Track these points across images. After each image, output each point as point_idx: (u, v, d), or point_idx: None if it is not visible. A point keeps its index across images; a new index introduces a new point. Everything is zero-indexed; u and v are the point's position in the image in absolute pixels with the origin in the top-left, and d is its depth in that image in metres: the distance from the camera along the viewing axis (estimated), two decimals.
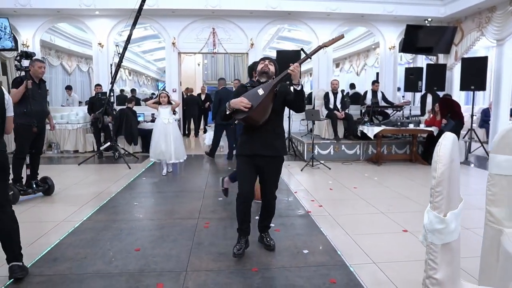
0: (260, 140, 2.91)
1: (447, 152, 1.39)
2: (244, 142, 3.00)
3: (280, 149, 3.00)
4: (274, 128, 2.96)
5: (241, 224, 3.02)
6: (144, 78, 19.67)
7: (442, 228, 1.40)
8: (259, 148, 2.91)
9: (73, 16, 8.69)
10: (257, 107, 2.74)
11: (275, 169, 3.03)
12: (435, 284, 1.44)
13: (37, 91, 4.55)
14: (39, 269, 2.76)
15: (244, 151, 2.98)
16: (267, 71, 2.94)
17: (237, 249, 2.96)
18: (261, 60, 3.06)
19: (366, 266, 2.85)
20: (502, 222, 2.21)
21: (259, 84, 2.96)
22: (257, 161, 2.94)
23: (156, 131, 6.08)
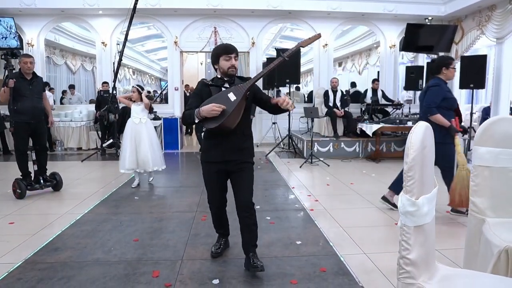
0: (228, 144, 2.61)
1: (418, 139, 1.48)
2: (210, 147, 2.70)
3: (249, 152, 2.74)
4: (243, 131, 2.65)
5: (218, 229, 2.99)
6: (148, 77, 19.84)
7: (414, 211, 1.49)
8: (228, 153, 2.62)
9: (77, 16, 8.83)
10: (230, 115, 2.46)
11: (247, 173, 2.68)
12: (408, 264, 1.53)
13: (28, 88, 4.56)
14: (41, 257, 2.88)
15: (211, 158, 2.69)
16: (234, 73, 2.62)
17: (215, 248, 2.95)
18: (224, 54, 2.59)
19: (356, 256, 2.94)
20: (484, 212, 2.30)
21: (222, 81, 2.65)
22: (226, 167, 2.66)
23: (126, 134, 5.07)
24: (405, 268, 1.53)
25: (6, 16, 8.18)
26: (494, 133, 2.28)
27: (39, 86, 4.75)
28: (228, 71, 2.60)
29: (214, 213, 2.89)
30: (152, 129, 5.28)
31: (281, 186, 5.32)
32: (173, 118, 8.69)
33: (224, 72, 2.62)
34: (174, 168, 6.97)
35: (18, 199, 4.52)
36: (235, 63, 2.61)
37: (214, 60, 2.64)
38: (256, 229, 2.69)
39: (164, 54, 16.68)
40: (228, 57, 2.58)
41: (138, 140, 4.98)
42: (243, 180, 2.66)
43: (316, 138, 7.55)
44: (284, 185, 5.37)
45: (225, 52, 2.59)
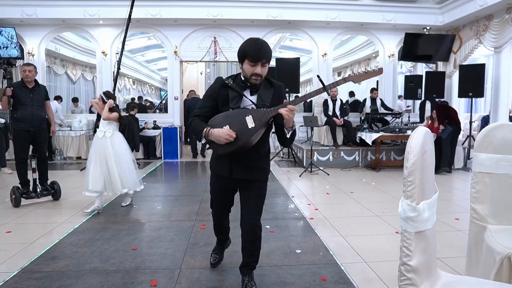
0: (239, 160, 2.29)
1: (418, 143, 1.47)
2: (221, 159, 2.36)
3: (263, 171, 2.42)
4: (259, 148, 2.30)
5: (217, 234, 2.83)
6: (148, 87, 19.91)
7: (415, 216, 1.47)
8: (238, 172, 2.31)
9: (77, 26, 8.89)
10: (244, 143, 2.13)
11: (256, 192, 2.38)
12: (410, 270, 1.50)
13: (28, 96, 4.61)
14: (37, 266, 2.85)
15: (219, 171, 2.39)
16: (256, 83, 2.23)
17: (213, 259, 2.87)
18: (251, 60, 2.14)
19: (357, 264, 2.90)
20: (485, 219, 2.28)
21: (245, 86, 2.27)
22: (234, 184, 2.42)
23: (91, 150, 4.45)
24: (406, 275, 1.51)
25: (7, 26, 8.26)
26: (493, 139, 2.27)
27: (40, 94, 4.77)
28: (251, 78, 2.21)
29: (215, 219, 2.74)
30: (120, 144, 4.46)
31: (281, 195, 5.29)
32: (173, 128, 8.70)
33: (246, 78, 2.24)
34: (174, 177, 6.95)
35: (14, 207, 4.51)
36: (260, 71, 2.18)
37: (240, 57, 2.22)
38: (256, 252, 2.43)
39: (164, 64, 16.80)
40: (254, 64, 2.16)
41: (103, 157, 4.27)
42: (251, 199, 2.37)
43: (315, 147, 7.54)
44: (283, 194, 5.34)
45: (252, 56, 2.14)
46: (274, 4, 8.59)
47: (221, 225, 2.80)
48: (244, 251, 2.44)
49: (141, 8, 8.27)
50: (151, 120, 9.20)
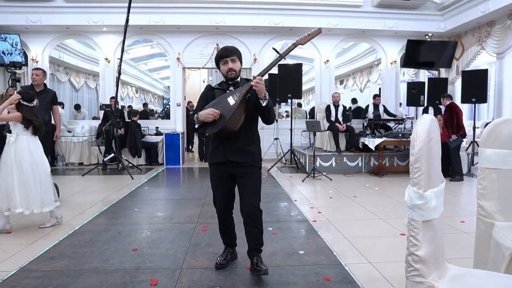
0: (232, 146, 2.58)
1: (424, 130, 1.44)
2: (215, 149, 2.67)
3: (254, 156, 2.65)
4: (247, 134, 2.61)
5: (224, 237, 2.88)
6: (151, 95, 19.98)
7: (422, 204, 1.43)
8: (231, 154, 2.58)
9: (81, 33, 8.96)
10: (229, 119, 2.42)
11: (251, 177, 2.61)
12: (417, 261, 1.46)
13: None
14: (36, 266, 2.80)
15: (215, 159, 2.66)
16: (234, 76, 2.58)
17: (220, 260, 2.80)
18: (221, 59, 2.58)
19: (361, 265, 2.85)
20: (493, 215, 2.23)
21: (227, 85, 2.63)
22: (230, 169, 2.62)
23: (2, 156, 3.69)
24: (414, 265, 1.47)
25: (12, 33, 8.33)
26: (500, 134, 2.23)
27: (46, 98, 4.86)
28: (227, 75, 2.58)
29: (220, 218, 2.79)
30: (24, 151, 3.62)
31: (283, 199, 5.24)
32: (175, 134, 8.68)
33: (224, 75, 2.61)
34: (176, 182, 6.91)
35: None
36: (232, 66, 2.55)
37: (217, 66, 2.68)
38: (260, 235, 2.61)
39: (167, 73, 16.91)
40: (224, 61, 2.56)
41: (12, 166, 3.55)
42: (247, 184, 2.60)
43: (318, 153, 7.50)
44: (286, 198, 5.29)
45: (220, 57, 2.59)
46: (276, 11, 8.64)
47: (226, 225, 2.81)
48: (248, 236, 2.62)
49: (144, 15, 8.37)
50: (153, 126, 9.20)
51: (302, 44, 2.64)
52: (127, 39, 9.11)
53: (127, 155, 8.15)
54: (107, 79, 9.19)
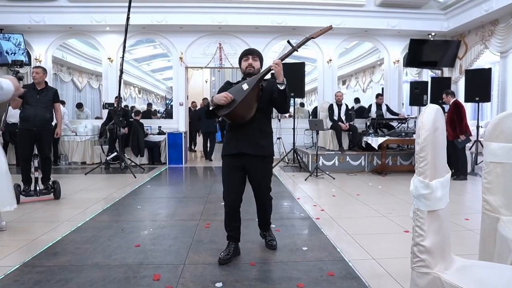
0: (245, 138, 2.75)
1: (430, 119, 1.43)
2: (229, 140, 2.84)
3: (266, 148, 2.81)
4: (260, 127, 2.79)
5: (229, 231, 2.87)
6: (154, 96, 20.02)
7: (428, 194, 1.42)
8: (244, 146, 2.74)
9: (84, 32, 8.98)
10: (241, 102, 2.60)
11: (263, 169, 2.85)
12: (423, 251, 1.45)
13: (34, 97, 4.76)
14: (39, 261, 2.80)
15: (229, 150, 2.81)
16: (252, 72, 2.80)
17: (223, 255, 2.79)
18: (243, 56, 2.88)
19: (365, 261, 2.83)
20: (498, 210, 2.21)
21: (244, 80, 2.84)
22: (243, 161, 2.77)
23: None
24: (419, 256, 1.45)
25: (15, 32, 8.36)
26: (505, 128, 2.21)
27: (47, 96, 4.90)
28: (246, 70, 2.84)
29: (227, 211, 2.83)
30: None
31: (286, 197, 5.22)
32: (178, 133, 8.68)
33: (243, 71, 2.87)
34: (178, 180, 6.91)
35: None
36: (252, 62, 2.82)
37: (239, 64, 2.95)
38: (270, 212, 3.05)
39: (169, 74, 16.95)
40: (246, 58, 2.85)
41: None
42: (259, 176, 2.86)
43: (321, 152, 7.48)
44: (289, 196, 5.27)
45: (243, 55, 2.89)
46: (279, 10, 8.64)
47: (233, 218, 2.84)
48: (259, 214, 3.07)
49: (146, 15, 8.38)
50: (156, 126, 9.20)
51: (314, 38, 2.84)
52: (130, 38, 9.18)
53: (130, 154, 8.15)
54: (110, 78, 9.21)
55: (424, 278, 1.44)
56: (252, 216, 3.28)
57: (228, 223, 2.86)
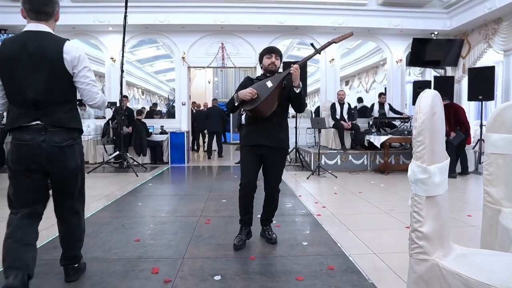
0: (264, 131, 2.90)
1: (427, 103, 1.41)
2: (249, 132, 2.99)
3: (283, 141, 2.99)
4: (279, 121, 2.95)
5: (243, 215, 3.02)
6: (157, 97, 20.07)
7: (425, 179, 1.40)
8: (263, 139, 2.90)
9: (87, 32, 9.02)
10: (265, 99, 2.74)
11: (278, 160, 3.01)
12: (421, 238, 1.43)
13: None
14: (38, 255, 2.73)
15: (248, 141, 2.97)
16: (274, 69, 2.95)
17: (237, 241, 2.96)
18: (267, 53, 2.99)
19: (366, 255, 2.80)
20: (500, 202, 2.19)
21: (265, 77, 2.97)
22: (261, 152, 2.94)
23: None
24: (417, 242, 1.43)
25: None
26: (506, 119, 2.19)
27: None
28: (269, 67, 2.95)
29: (241, 196, 2.96)
30: None
31: (287, 195, 5.20)
32: (180, 133, 8.68)
33: (265, 68, 2.97)
34: (180, 179, 6.90)
35: None
36: (275, 61, 2.95)
37: (259, 60, 3.06)
38: (275, 209, 3.17)
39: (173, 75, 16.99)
40: (270, 56, 2.96)
41: None
42: (273, 167, 3.00)
43: (323, 151, 7.45)
44: (291, 194, 5.25)
45: (267, 52, 2.99)
46: (281, 9, 8.63)
47: (248, 204, 2.99)
48: (265, 208, 3.15)
49: (149, 15, 8.41)
50: (159, 125, 9.21)
51: (336, 42, 2.93)
52: (132, 38, 9.24)
53: (132, 153, 8.16)
54: (112, 78, 9.24)
55: (422, 265, 1.42)
56: (255, 213, 3.24)
57: (243, 208, 3.01)
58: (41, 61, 2.04)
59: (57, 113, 2.11)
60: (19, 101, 2.06)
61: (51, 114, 2.09)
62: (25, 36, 2.07)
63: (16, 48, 2.03)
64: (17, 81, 2.04)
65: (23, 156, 2.06)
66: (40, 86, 2.05)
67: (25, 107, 2.06)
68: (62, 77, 2.11)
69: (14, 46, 2.04)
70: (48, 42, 2.08)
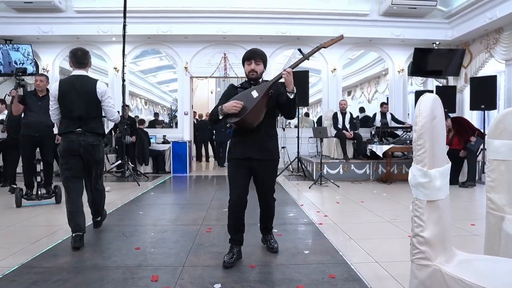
0: (252, 142, 2.72)
1: (427, 106, 1.40)
2: (235, 145, 2.81)
3: (273, 152, 2.83)
4: (267, 131, 2.77)
5: (234, 234, 2.81)
6: (160, 107, 20.16)
7: (426, 182, 1.39)
8: (251, 151, 2.72)
9: (91, 42, 9.10)
10: (251, 110, 2.56)
11: (269, 172, 2.84)
12: (422, 243, 1.41)
13: (37, 104, 4.83)
14: (38, 262, 2.78)
15: (236, 154, 2.78)
16: (255, 77, 2.76)
17: (228, 258, 2.73)
18: (246, 59, 2.78)
19: (368, 264, 2.77)
20: (503, 208, 2.16)
21: (249, 84, 2.79)
22: (250, 164, 2.75)
23: None
24: (419, 247, 1.41)
25: (24, 43, 8.51)
26: (508, 125, 2.18)
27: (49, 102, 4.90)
28: (249, 75, 2.77)
29: (231, 213, 2.76)
30: None
31: (289, 204, 5.17)
32: (183, 142, 8.69)
33: (247, 76, 2.80)
34: (182, 188, 6.89)
35: (16, 207, 4.69)
36: (254, 67, 2.74)
37: (243, 65, 2.85)
38: (273, 216, 3.04)
39: (175, 86, 17.07)
40: (249, 62, 2.76)
41: None
42: (265, 178, 2.84)
43: (325, 160, 7.43)
44: (292, 203, 5.22)
45: (246, 58, 2.79)
46: (283, 20, 8.70)
47: (237, 221, 2.78)
48: (262, 218, 3.05)
49: (152, 25, 8.50)
50: (161, 135, 9.23)
51: (325, 47, 2.76)
52: (136, 49, 9.34)
53: (134, 162, 8.15)
54: (115, 88, 9.28)
55: (424, 270, 1.39)
56: (254, 221, 3.24)
57: (232, 226, 2.80)
58: (83, 94, 3.33)
59: (91, 124, 3.38)
60: (69, 116, 3.35)
61: (87, 124, 3.36)
62: (73, 78, 3.39)
63: (68, 86, 3.34)
64: (68, 105, 3.33)
65: (69, 147, 3.31)
66: (82, 108, 3.33)
67: (73, 120, 3.34)
68: (95, 102, 3.40)
69: (67, 84, 3.35)
70: (87, 82, 3.40)
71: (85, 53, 3.48)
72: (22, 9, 8.21)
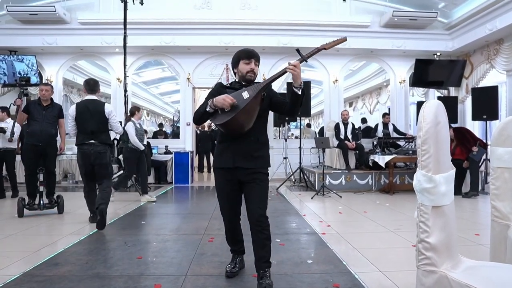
0: (241, 150, 2.44)
1: (431, 112, 1.41)
2: (222, 152, 2.51)
3: (263, 161, 2.52)
4: (258, 137, 2.49)
5: (233, 245, 2.77)
6: (162, 118, 20.24)
7: (431, 188, 1.38)
8: (240, 160, 2.44)
9: (94, 54, 9.20)
10: (241, 110, 2.28)
11: (259, 184, 2.47)
12: (428, 249, 1.40)
13: (40, 113, 4.86)
14: (39, 271, 2.76)
15: (223, 163, 2.50)
16: (252, 79, 2.50)
17: (230, 267, 2.70)
18: (245, 58, 2.50)
19: (372, 273, 2.74)
20: (508, 216, 2.15)
21: (240, 86, 2.50)
22: (238, 175, 2.47)
23: None
24: (425, 253, 1.40)
25: (29, 54, 8.60)
26: (511, 133, 2.18)
27: (53, 112, 4.98)
28: (247, 75, 2.48)
29: (226, 226, 2.69)
30: None
31: (292, 214, 5.15)
32: (185, 153, 8.70)
33: (243, 76, 2.49)
34: (184, 198, 6.87)
35: (18, 217, 4.67)
36: (254, 68, 2.48)
37: (234, 63, 2.55)
38: (268, 244, 2.44)
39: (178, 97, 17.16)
40: (248, 61, 2.48)
41: None
42: (255, 193, 2.45)
43: (327, 171, 7.41)
44: (295, 213, 5.19)
45: (245, 56, 2.49)
46: (285, 31, 8.79)
47: (234, 233, 2.72)
48: (254, 243, 2.45)
49: (155, 36, 8.59)
50: (163, 145, 9.25)
51: (326, 48, 2.49)
52: (138, 60, 9.42)
53: None
54: (118, 99, 9.34)
55: (430, 277, 1.38)
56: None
57: (230, 238, 2.75)
58: (95, 113, 4.30)
59: (101, 136, 4.31)
60: (83, 131, 4.29)
61: (98, 137, 4.29)
62: (87, 102, 4.35)
63: (83, 108, 4.30)
64: (84, 123, 4.27)
65: (83, 157, 4.29)
66: (94, 124, 4.28)
67: (87, 134, 4.28)
68: (104, 120, 4.35)
69: (82, 106, 4.31)
70: (97, 104, 4.36)
71: (96, 82, 4.43)
72: (27, 20, 8.33)
